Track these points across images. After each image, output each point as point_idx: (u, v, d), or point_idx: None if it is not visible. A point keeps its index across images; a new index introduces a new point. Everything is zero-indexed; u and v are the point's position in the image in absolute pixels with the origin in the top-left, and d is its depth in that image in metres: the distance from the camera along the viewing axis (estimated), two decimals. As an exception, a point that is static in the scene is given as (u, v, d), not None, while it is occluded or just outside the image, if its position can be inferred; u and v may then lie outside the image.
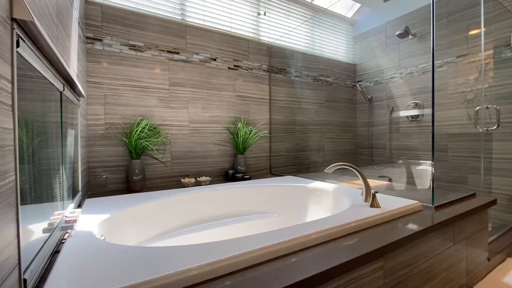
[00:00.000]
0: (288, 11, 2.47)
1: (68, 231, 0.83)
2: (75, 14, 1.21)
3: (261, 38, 2.29)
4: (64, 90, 0.85)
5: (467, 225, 1.21)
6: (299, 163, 2.51)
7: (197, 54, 1.91)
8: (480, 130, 1.82)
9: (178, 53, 1.83)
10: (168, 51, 1.79)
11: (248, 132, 2.02)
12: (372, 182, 1.80)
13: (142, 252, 0.70)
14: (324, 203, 1.48)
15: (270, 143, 2.32)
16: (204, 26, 1.96)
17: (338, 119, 2.81)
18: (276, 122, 2.36)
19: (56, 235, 0.75)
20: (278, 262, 0.70)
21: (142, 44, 1.70)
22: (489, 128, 1.80)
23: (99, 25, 1.58)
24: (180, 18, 1.88)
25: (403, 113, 2.49)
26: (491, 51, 1.96)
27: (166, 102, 1.79)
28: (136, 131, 1.56)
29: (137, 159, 1.59)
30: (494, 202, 1.33)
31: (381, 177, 2.52)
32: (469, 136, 2.04)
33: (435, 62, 2.26)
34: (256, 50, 2.22)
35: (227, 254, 0.66)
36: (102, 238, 0.86)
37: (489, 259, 1.38)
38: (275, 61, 2.35)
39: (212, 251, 0.68)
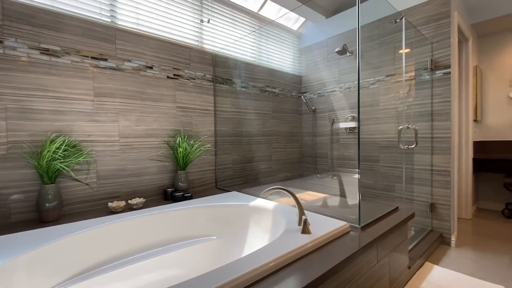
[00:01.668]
0: (234, 20, 2.42)
1: None
2: (-48, 11, 0.96)
3: (204, 46, 2.19)
4: None
5: (390, 240, 1.31)
6: (246, 175, 2.48)
7: (129, 61, 1.73)
8: (402, 148, 2.02)
9: (105, 59, 1.63)
10: (93, 57, 1.58)
11: (189, 147, 1.90)
12: (310, 196, 1.85)
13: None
14: (264, 223, 1.46)
15: (215, 156, 2.23)
16: (138, 31, 1.78)
17: (284, 129, 2.86)
18: (222, 134, 2.29)
19: None
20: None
21: (59, 48, 1.47)
22: (409, 147, 2.01)
23: (-2, 23, 1.31)
24: (109, 20, 1.68)
25: (342, 125, 2.64)
26: (413, 73, 2.19)
27: (90, 115, 1.57)
28: (49, 151, 1.33)
29: (51, 183, 1.36)
30: (412, 215, 1.47)
31: (318, 192, 2.64)
32: (396, 149, 2.25)
33: (368, 79, 2.44)
34: (199, 59, 2.11)
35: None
36: (-25, 305, 0.68)
37: (409, 267, 1.52)
38: (220, 71, 2.28)
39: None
